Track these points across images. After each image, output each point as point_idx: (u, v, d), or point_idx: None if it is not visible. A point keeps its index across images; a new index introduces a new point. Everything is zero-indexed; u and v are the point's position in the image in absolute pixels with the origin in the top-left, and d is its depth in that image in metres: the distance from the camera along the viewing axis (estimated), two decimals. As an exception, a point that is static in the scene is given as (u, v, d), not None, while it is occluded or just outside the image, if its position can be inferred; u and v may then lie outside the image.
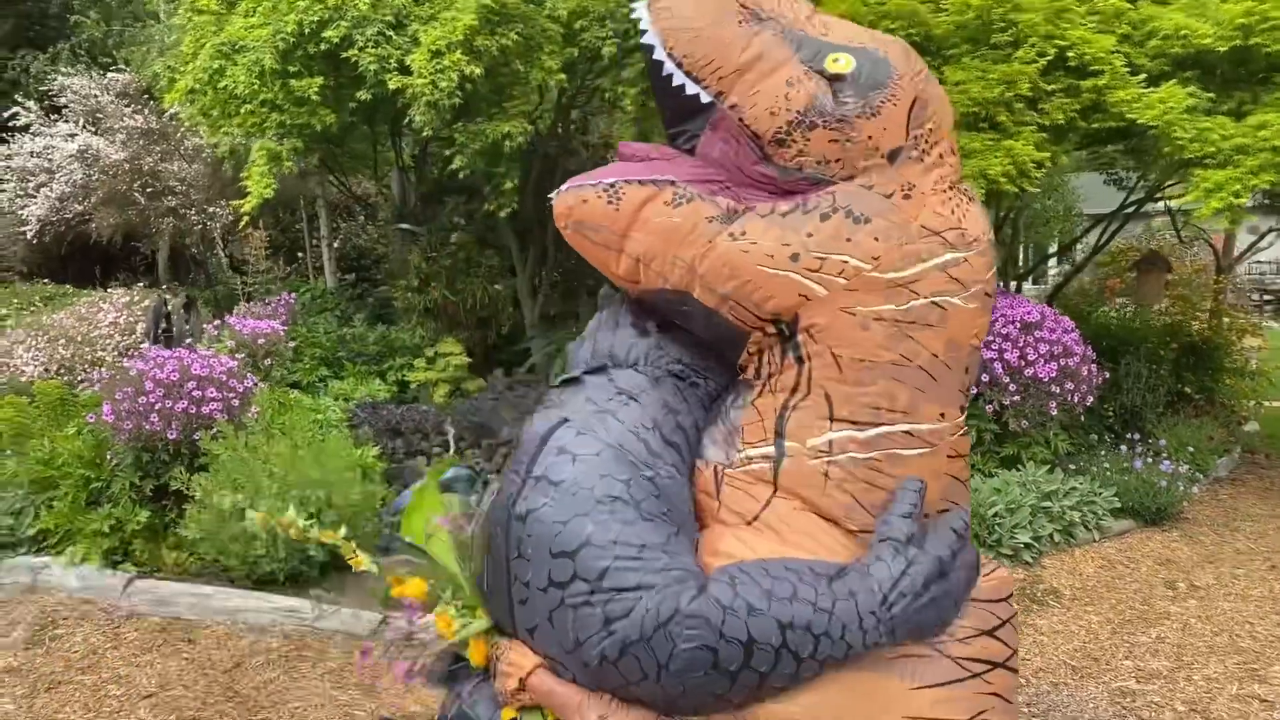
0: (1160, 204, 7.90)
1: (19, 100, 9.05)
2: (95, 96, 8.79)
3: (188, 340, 5.04)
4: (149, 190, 8.17)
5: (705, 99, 1.46)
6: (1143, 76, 4.80)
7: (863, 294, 1.39)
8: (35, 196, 8.34)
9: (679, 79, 1.45)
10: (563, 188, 1.51)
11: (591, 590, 1.30)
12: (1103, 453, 5.35)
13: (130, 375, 4.23)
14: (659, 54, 1.46)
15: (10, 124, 8.86)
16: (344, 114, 5.90)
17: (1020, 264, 9.36)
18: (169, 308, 6.08)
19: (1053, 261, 12.08)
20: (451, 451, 5.03)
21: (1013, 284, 7.84)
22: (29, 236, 8.45)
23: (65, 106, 8.85)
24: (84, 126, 8.62)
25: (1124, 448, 5.38)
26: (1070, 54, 4.77)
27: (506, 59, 5.39)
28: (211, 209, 8.26)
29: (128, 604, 3.91)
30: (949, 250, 1.42)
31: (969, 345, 1.46)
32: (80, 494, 4.21)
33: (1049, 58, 4.77)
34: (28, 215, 8.32)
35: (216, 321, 5.90)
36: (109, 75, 9.28)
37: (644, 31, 1.47)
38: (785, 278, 1.38)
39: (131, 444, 4.11)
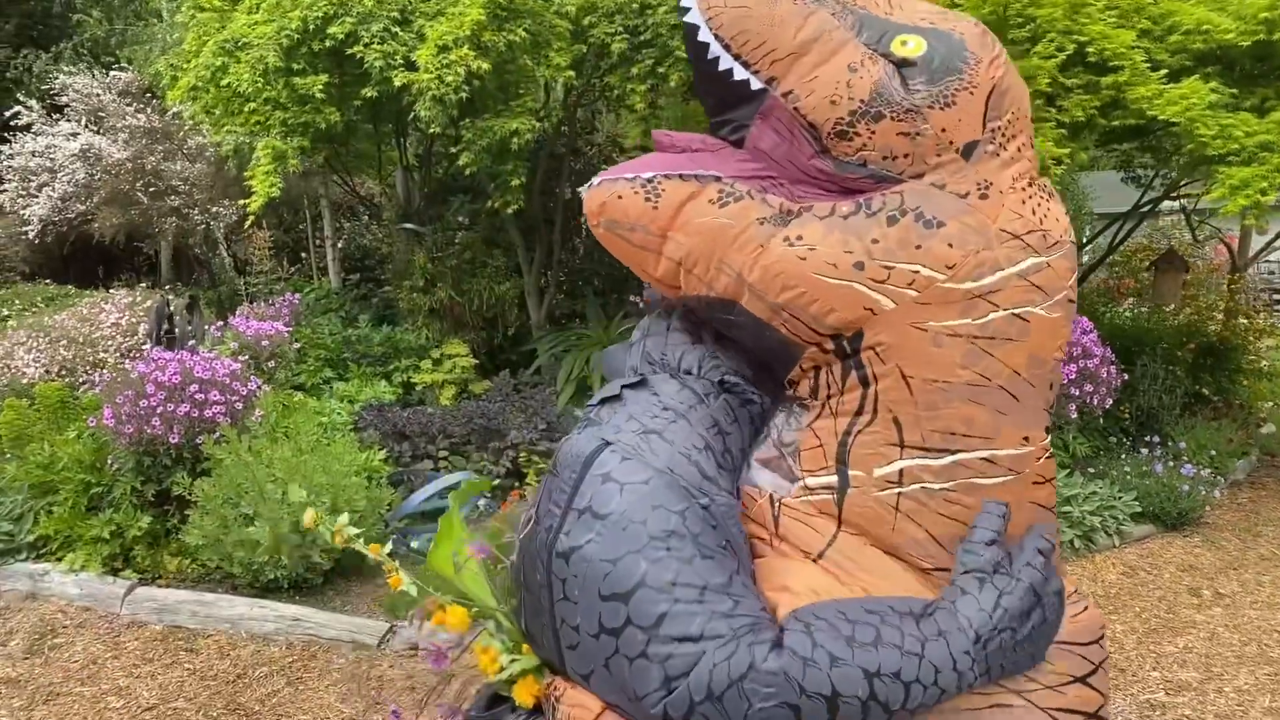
0: (1174, 203, 7.79)
1: (21, 99, 8.96)
2: (97, 95, 8.70)
3: (190, 341, 4.95)
4: (152, 190, 8.07)
5: (755, 85, 1.31)
6: (1163, 72, 4.70)
7: (936, 307, 1.24)
8: (37, 196, 8.25)
9: (726, 63, 1.31)
10: (594, 181, 1.36)
11: (648, 639, 1.16)
12: (1122, 456, 5.25)
13: (131, 378, 4.14)
14: (704, 35, 1.31)
15: (12, 123, 8.78)
16: (349, 112, 5.81)
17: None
18: (171, 308, 6.00)
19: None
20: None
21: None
22: (31, 237, 8.37)
23: (67, 106, 8.77)
24: (86, 126, 8.53)
25: (1144, 450, 5.28)
26: (1090, 49, 4.67)
27: (514, 55, 5.31)
28: (215, 209, 8.17)
29: (128, 612, 3.82)
30: (1030, 255, 1.28)
31: (1052, 359, 1.32)
32: (80, 499, 4.12)
33: (1068, 53, 4.66)
34: (29, 215, 8.24)
35: (220, 323, 5.81)
36: (111, 74, 9.19)
37: (686, 10, 1.33)
38: (848, 289, 1.24)
39: (132, 448, 4.02)
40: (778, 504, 1.34)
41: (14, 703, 3.21)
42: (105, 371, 5.92)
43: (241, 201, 5.66)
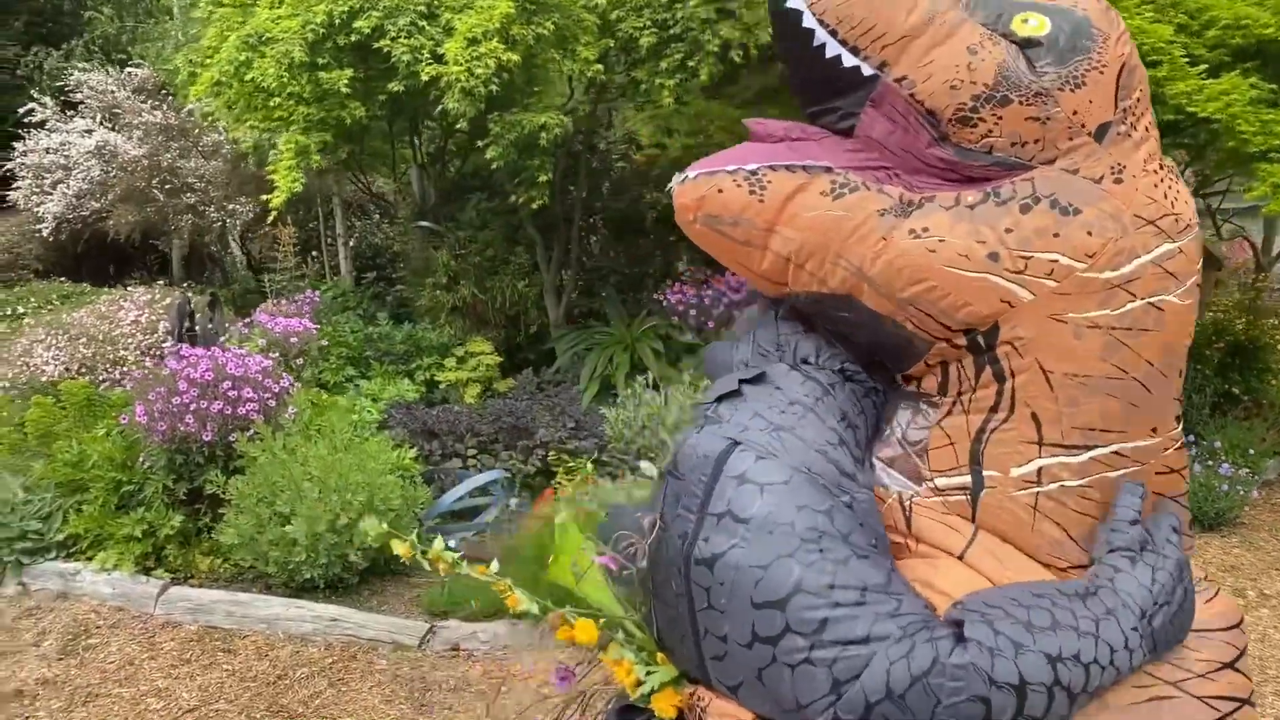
0: (1200, 201, 7.73)
1: (34, 96, 8.90)
2: (112, 92, 8.64)
3: (221, 339, 4.91)
4: (168, 187, 8.01)
5: (866, 72, 1.24)
6: (1203, 68, 4.65)
7: (1075, 298, 1.19)
8: (51, 194, 8.18)
9: (833, 49, 1.24)
10: (689, 173, 1.29)
11: (811, 645, 1.10)
12: (1156, 455, 5.20)
13: (163, 375, 4.09)
14: (808, 21, 1.24)
15: (25, 120, 8.71)
16: (373, 107, 5.76)
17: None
18: (192, 306, 5.95)
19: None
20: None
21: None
22: (45, 234, 8.30)
23: (81, 103, 8.70)
24: (101, 122, 8.47)
25: (1178, 450, 5.22)
26: (1127, 43, 4.61)
27: (542, 49, 5.26)
28: (232, 206, 8.10)
29: (162, 612, 3.77)
30: (1165, 241, 1.23)
31: (1182, 347, 1.28)
32: (111, 497, 4.07)
33: (1105, 48, 4.61)
34: (44, 213, 8.17)
35: (247, 320, 5.76)
36: (126, 70, 9.13)
37: None
38: (983, 281, 1.18)
39: (165, 446, 3.96)
40: (908, 504, 1.29)
41: (53, 704, 3.15)
42: (126, 369, 5.87)
43: (264, 197, 5.61)
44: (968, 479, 1.25)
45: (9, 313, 7.56)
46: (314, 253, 10.53)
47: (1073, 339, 1.20)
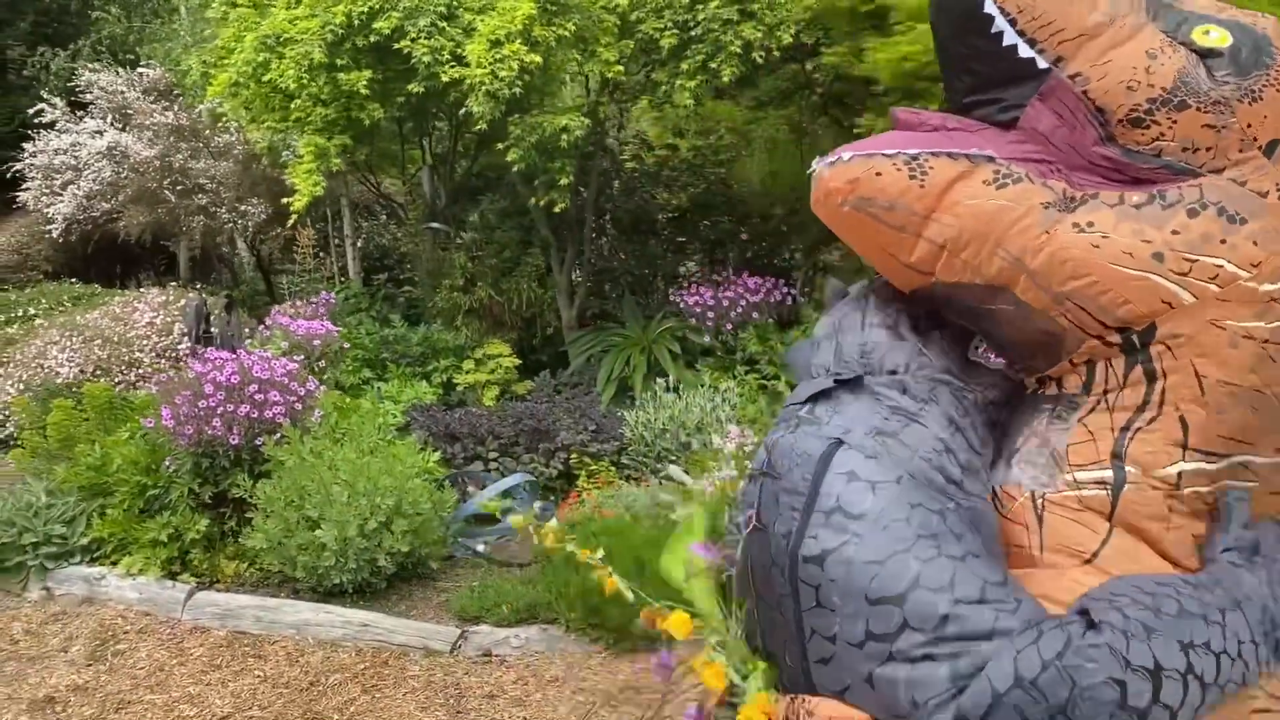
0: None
1: (44, 96, 8.86)
2: (122, 93, 8.60)
3: (246, 342, 4.88)
4: (179, 188, 7.97)
5: (1042, 64, 1.26)
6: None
7: (1235, 305, 1.20)
8: (61, 195, 8.14)
9: (1010, 39, 1.26)
10: (841, 155, 1.30)
11: (933, 640, 1.08)
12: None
13: (188, 377, 4.06)
14: (988, 7, 1.27)
15: (36, 120, 8.67)
16: (391, 108, 5.74)
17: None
18: (208, 308, 5.92)
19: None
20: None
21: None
22: (55, 235, 8.26)
23: (91, 103, 8.66)
24: (111, 123, 8.43)
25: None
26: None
27: (562, 50, 5.24)
28: (244, 207, 8.08)
29: (190, 617, 3.74)
30: None
31: None
32: (135, 501, 4.03)
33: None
34: (54, 214, 8.13)
35: (264, 323, 5.73)
36: (137, 70, 9.10)
37: None
38: (1146, 280, 1.19)
39: (192, 449, 3.93)
40: (1040, 501, 1.28)
41: (85, 711, 3.12)
42: (141, 370, 5.85)
43: (285, 200, 5.58)
44: (1109, 473, 1.25)
45: (20, 314, 7.52)
46: (321, 254, 10.52)
47: (1228, 347, 1.20)
